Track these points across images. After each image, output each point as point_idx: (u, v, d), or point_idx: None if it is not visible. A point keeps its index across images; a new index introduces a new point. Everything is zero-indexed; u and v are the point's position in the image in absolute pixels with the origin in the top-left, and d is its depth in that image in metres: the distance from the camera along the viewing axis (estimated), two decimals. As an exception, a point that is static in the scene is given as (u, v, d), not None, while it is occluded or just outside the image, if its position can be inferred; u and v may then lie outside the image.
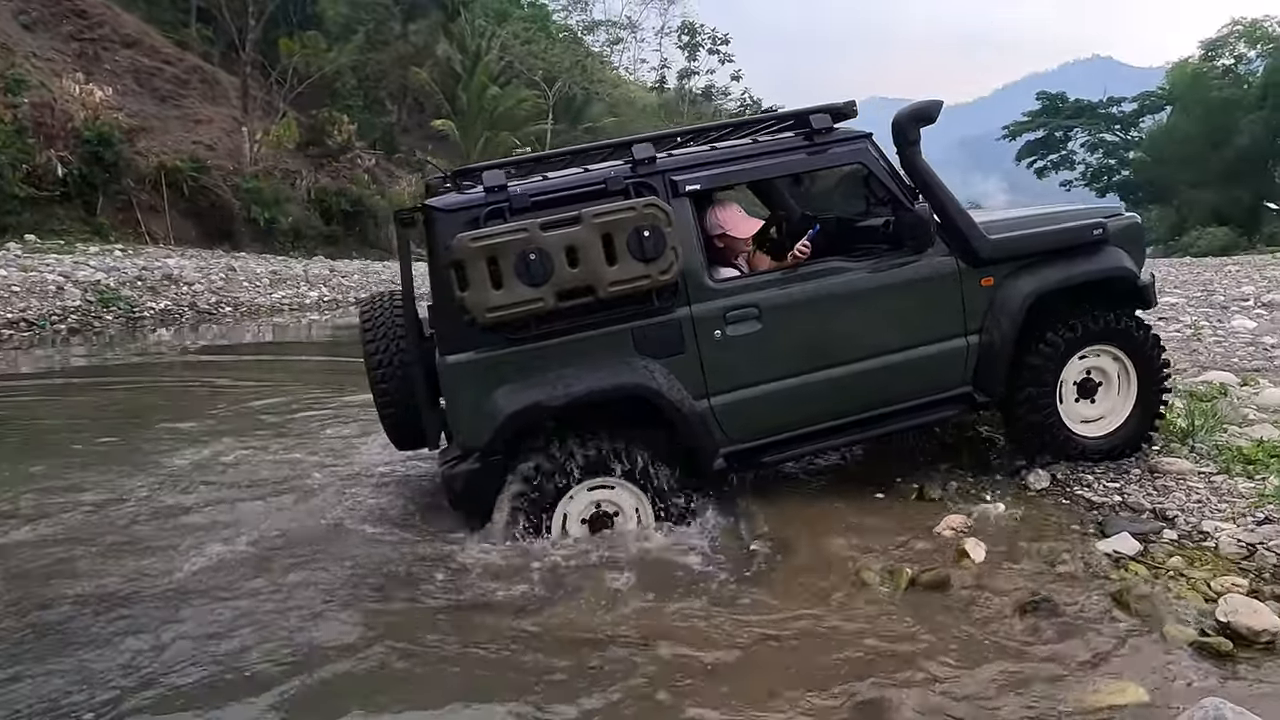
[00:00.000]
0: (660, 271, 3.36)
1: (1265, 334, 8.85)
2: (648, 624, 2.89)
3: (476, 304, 3.25)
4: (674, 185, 3.61)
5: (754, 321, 3.64)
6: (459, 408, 3.52)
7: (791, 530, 3.64)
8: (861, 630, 2.79)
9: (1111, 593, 2.90)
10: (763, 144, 3.87)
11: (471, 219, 3.40)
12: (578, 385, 3.43)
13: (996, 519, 3.64)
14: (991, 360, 3.88)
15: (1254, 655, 2.50)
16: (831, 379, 3.75)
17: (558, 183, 3.60)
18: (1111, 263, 4.05)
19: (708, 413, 3.62)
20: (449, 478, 3.54)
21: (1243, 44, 46.98)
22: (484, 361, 3.45)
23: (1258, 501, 3.50)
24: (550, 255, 3.26)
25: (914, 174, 3.88)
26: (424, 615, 3.04)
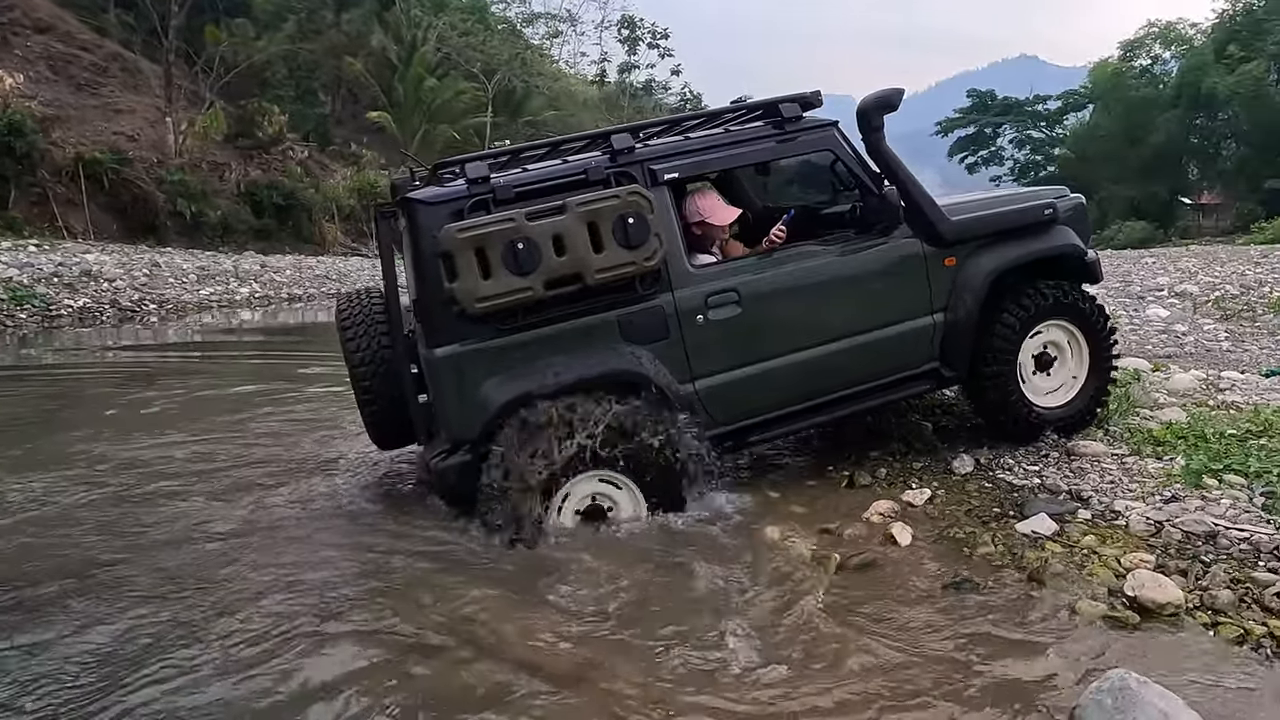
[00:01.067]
0: (645, 258, 3.41)
1: (1177, 322, 9.28)
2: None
3: (466, 294, 3.25)
4: (653, 174, 3.67)
5: (734, 306, 3.71)
6: (448, 401, 3.49)
7: (724, 517, 3.67)
8: (789, 610, 2.84)
9: (1029, 571, 3.00)
10: (735, 133, 3.94)
11: (455, 211, 3.40)
12: (568, 373, 3.45)
13: (923, 504, 3.74)
14: (956, 337, 4.04)
15: (1159, 626, 2.62)
16: (809, 359, 3.84)
17: (540, 173, 3.60)
18: (1062, 240, 4.26)
19: (693, 396, 3.67)
20: (441, 471, 3.51)
21: (1158, 45, 49.09)
22: (472, 353, 3.43)
23: (1165, 481, 3.66)
24: (538, 244, 3.27)
25: (879, 159, 3.99)
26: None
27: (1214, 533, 3.14)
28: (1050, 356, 4.29)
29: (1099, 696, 2.10)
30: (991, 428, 4.32)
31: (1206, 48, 44.72)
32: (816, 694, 2.36)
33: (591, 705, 2.36)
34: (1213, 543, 3.10)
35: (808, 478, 4.22)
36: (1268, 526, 3.15)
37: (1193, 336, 8.33)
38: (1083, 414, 4.32)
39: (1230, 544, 3.07)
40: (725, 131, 3.94)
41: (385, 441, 4.20)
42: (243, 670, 2.59)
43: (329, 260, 27.86)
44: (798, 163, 4.56)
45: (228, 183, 29.58)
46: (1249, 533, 3.11)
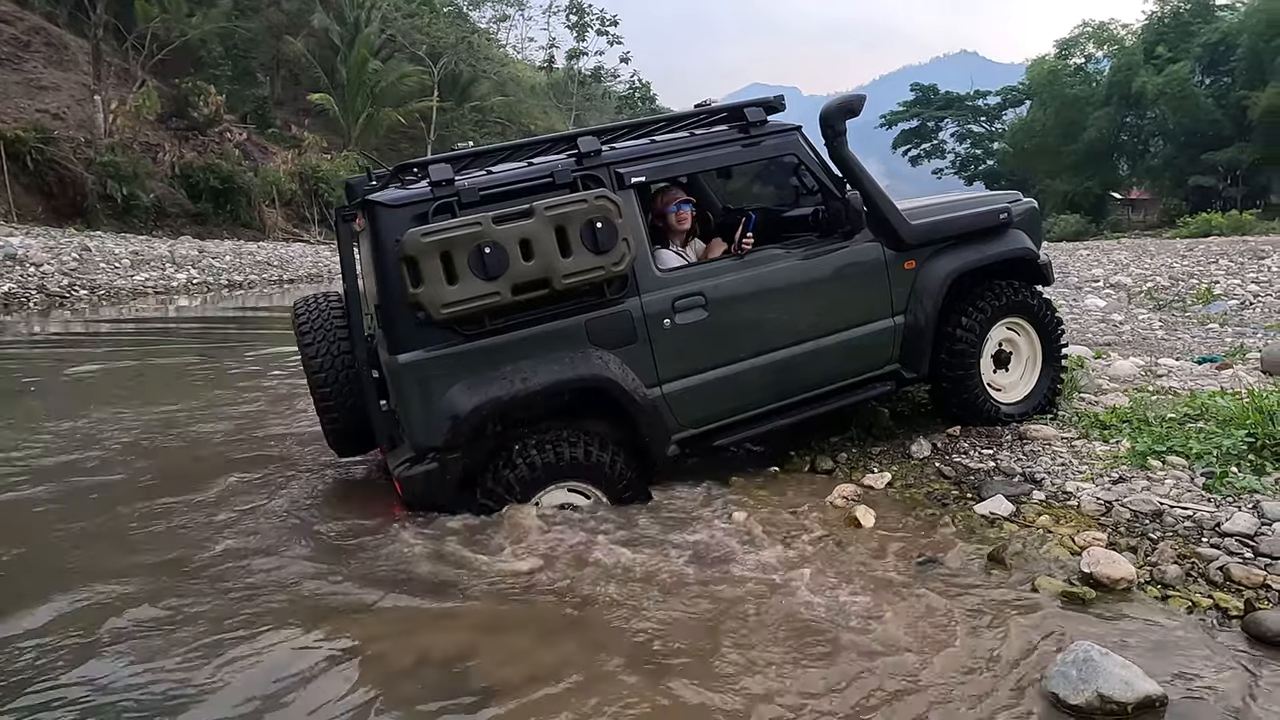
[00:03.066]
0: (613, 263, 3.40)
1: (1113, 311, 9.65)
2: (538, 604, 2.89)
3: (431, 300, 3.19)
4: (619, 177, 3.64)
5: (700, 310, 3.71)
6: (413, 407, 3.39)
7: (691, 503, 3.70)
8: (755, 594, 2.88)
9: (988, 551, 3.10)
10: (701, 137, 3.94)
11: (419, 214, 3.32)
12: (535, 379, 3.41)
13: (883, 487, 3.83)
14: (916, 338, 4.15)
15: (1114, 600, 2.73)
16: (774, 362, 3.88)
17: (505, 176, 3.54)
18: (1016, 244, 4.42)
19: (660, 400, 3.67)
20: (407, 480, 3.43)
21: (1092, 44, 50.70)
22: (437, 359, 3.36)
23: (1112, 463, 3.81)
24: (505, 248, 3.23)
25: (842, 164, 4.06)
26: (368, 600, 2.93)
27: (1160, 511, 3.28)
28: (1007, 353, 4.45)
29: (1064, 668, 2.19)
30: (956, 421, 4.44)
31: (1136, 48, 46.40)
32: (783, 675, 2.39)
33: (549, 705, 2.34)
34: (1159, 521, 3.23)
35: (771, 463, 4.28)
36: (1208, 505, 3.30)
37: (1129, 326, 8.67)
38: (1042, 404, 4.50)
39: (1175, 521, 3.21)
40: (691, 135, 3.94)
41: (344, 448, 4.11)
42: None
43: (270, 246, 27.09)
44: (758, 166, 4.60)
45: (161, 165, 28.50)
46: (1192, 511, 3.26)
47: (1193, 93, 41.86)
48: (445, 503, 3.47)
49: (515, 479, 3.45)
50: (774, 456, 4.37)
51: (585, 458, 3.53)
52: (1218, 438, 3.87)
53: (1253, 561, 2.86)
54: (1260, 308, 9.54)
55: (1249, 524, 3.07)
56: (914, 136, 59.50)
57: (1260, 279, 12.72)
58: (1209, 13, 44.77)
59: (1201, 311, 9.49)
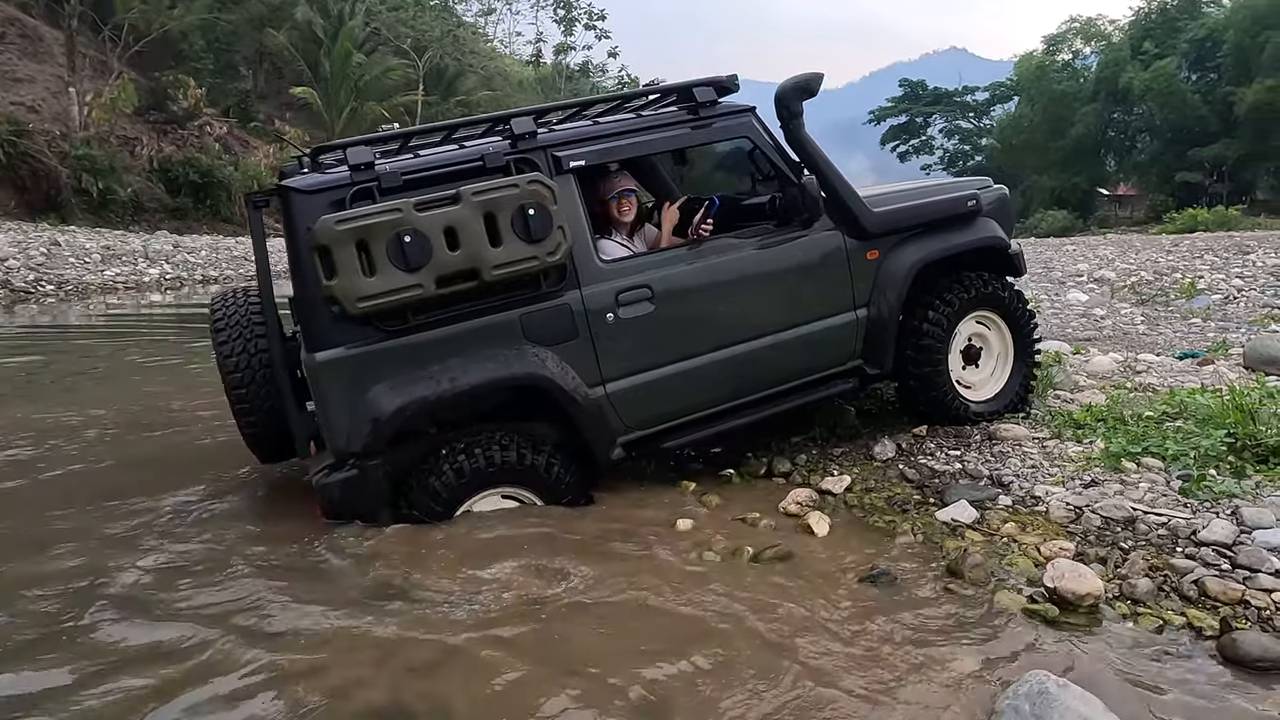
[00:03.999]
0: (548, 253, 3.15)
1: (1095, 306, 9.46)
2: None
3: (346, 293, 2.93)
4: (557, 161, 3.38)
5: (646, 303, 3.46)
6: (332, 410, 3.12)
7: (636, 510, 3.45)
8: (695, 606, 2.63)
9: (948, 563, 2.87)
10: (647, 118, 3.69)
11: (336, 200, 3.07)
12: (464, 378, 3.15)
13: (842, 492, 3.59)
14: (880, 333, 3.91)
15: (1079, 620, 2.50)
16: (727, 359, 3.64)
17: (431, 160, 3.29)
18: (986, 232, 4.17)
19: (604, 400, 3.42)
20: (324, 488, 3.17)
21: (1079, 40, 50.67)
22: (358, 357, 3.10)
23: (1085, 465, 3.59)
24: (427, 237, 2.98)
25: (799, 148, 3.80)
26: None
27: (1132, 518, 3.06)
28: (977, 348, 4.22)
29: (1016, 701, 1.96)
30: (924, 421, 4.21)
31: (1124, 44, 46.37)
32: (719, 697, 2.15)
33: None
34: (1131, 528, 3.01)
35: (725, 465, 4.04)
36: (1184, 510, 3.08)
37: (1110, 320, 8.47)
38: (1014, 402, 4.28)
39: (1149, 529, 2.98)
40: (637, 116, 3.69)
41: (266, 454, 3.83)
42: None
43: (249, 241, 26.63)
44: (720, 150, 4.37)
45: (139, 158, 28.07)
46: (1166, 517, 3.04)
47: (1179, 89, 41.82)
48: (368, 513, 3.20)
49: (443, 486, 3.20)
50: (729, 458, 4.13)
51: (520, 462, 3.28)
52: (1196, 438, 3.65)
53: (1230, 574, 2.63)
54: (1244, 302, 9.37)
55: (1227, 532, 2.84)
56: (902, 132, 59.41)
57: (1245, 274, 12.57)
58: (1195, 9, 44.75)
59: (1184, 306, 9.31)
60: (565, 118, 3.75)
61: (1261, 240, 18.94)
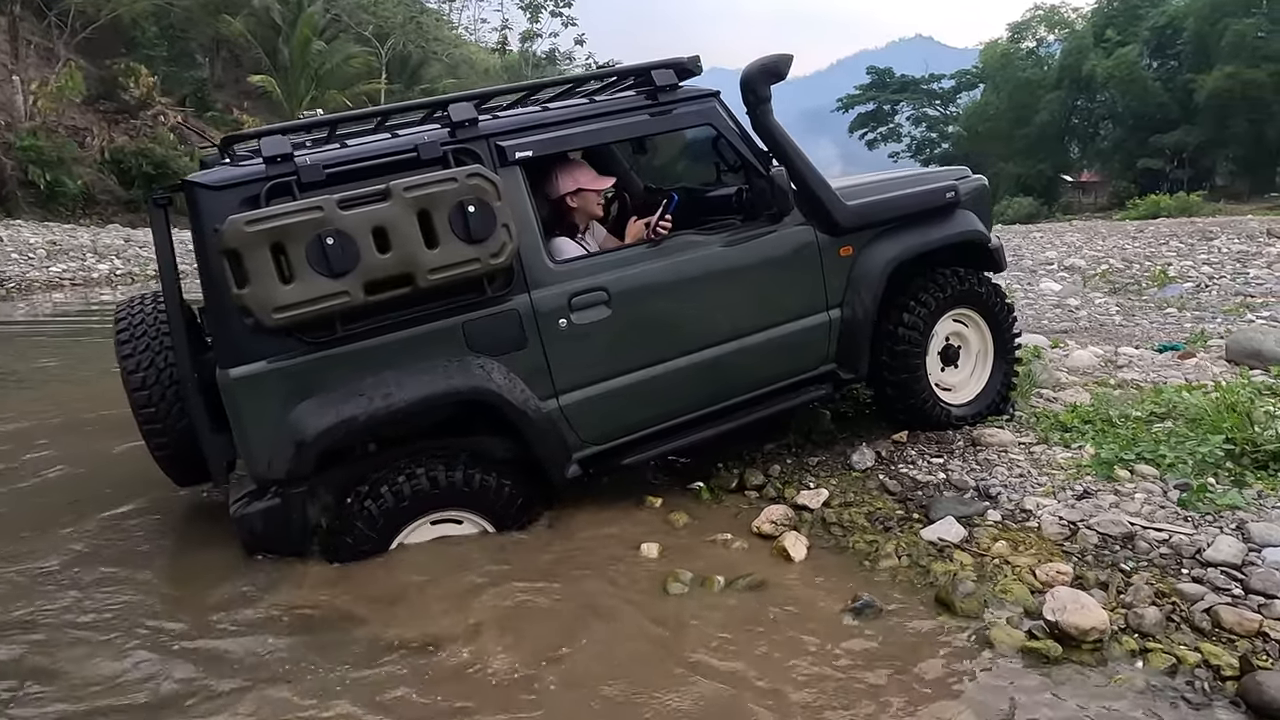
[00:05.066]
0: (491, 254, 2.81)
1: (1069, 296, 9.33)
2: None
3: (260, 303, 2.58)
4: (501, 152, 3.05)
5: (603, 307, 3.15)
6: (249, 432, 2.79)
7: (595, 533, 3.17)
8: (656, 649, 2.36)
9: (936, 591, 2.62)
10: (602, 104, 3.36)
11: (249, 196, 2.71)
12: (399, 394, 2.82)
13: (819, 507, 3.33)
14: (854, 334, 3.64)
15: (1083, 658, 2.26)
16: (692, 366, 3.34)
17: (359, 151, 2.93)
18: (965, 226, 3.91)
19: (557, 414, 3.12)
20: (243, 519, 2.84)
21: (1043, 28, 50.98)
22: (278, 373, 2.77)
23: (1076, 473, 3.37)
24: (353, 239, 2.63)
25: (766, 136, 3.49)
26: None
27: (1131, 534, 2.84)
28: (955, 349, 3.97)
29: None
30: (904, 426, 3.96)
31: (1086, 31, 46.66)
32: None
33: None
34: (1131, 546, 2.79)
35: (694, 478, 3.76)
36: (1186, 525, 2.86)
37: (1085, 311, 8.34)
38: (995, 404, 4.04)
39: (1150, 547, 2.76)
40: (591, 102, 3.37)
41: (183, 477, 3.47)
42: None
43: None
44: (687, 138, 4.07)
45: (90, 149, 27.12)
46: (1168, 533, 2.82)
47: (1141, 76, 42.20)
48: (293, 546, 2.89)
49: (379, 511, 2.88)
50: (699, 468, 3.85)
51: (465, 483, 2.98)
52: (1191, 442, 3.44)
53: (1244, 601, 2.41)
54: (1216, 290, 9.30)
55: (1235, 551, 2.63)
56: (870, 120, 59.36)
57: (1211, 260, 12.58)
58: (1156, -4, 45.19)
59: (1158, 295, 9.21)
60: (513, 103, 3.42)
61: (1224, 226, 19.07)
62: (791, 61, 3.47)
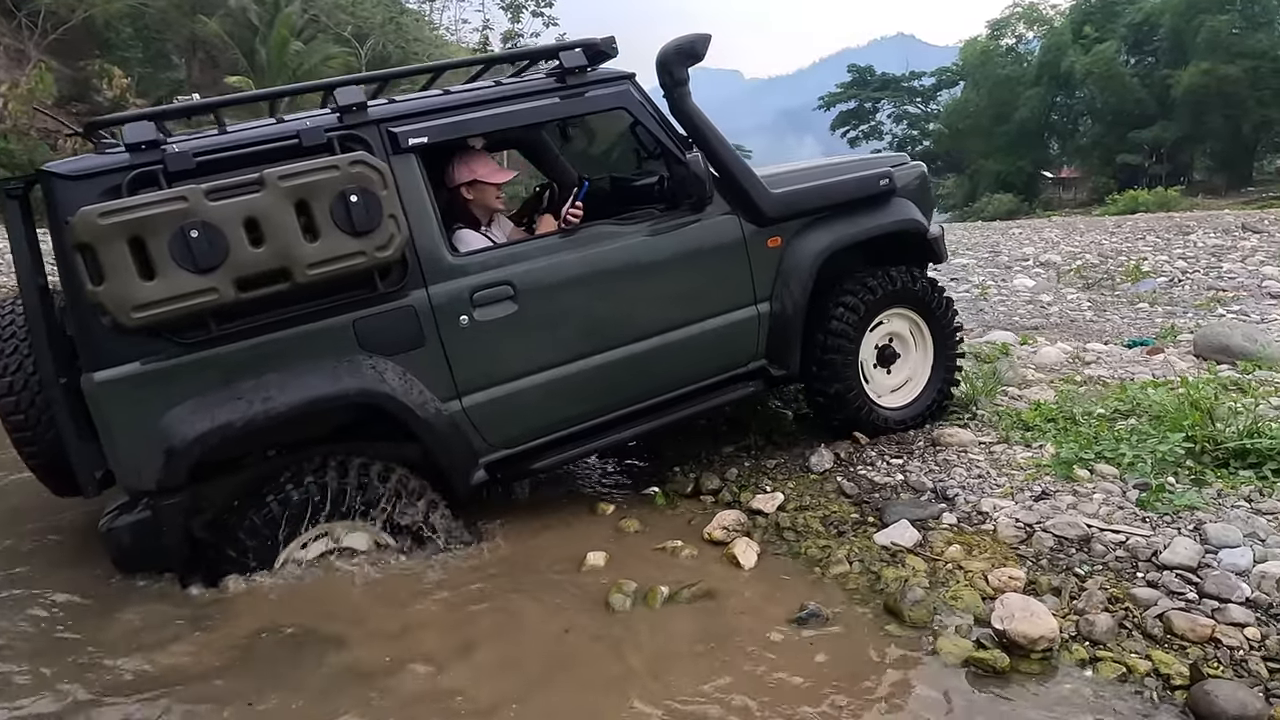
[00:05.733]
0: (377, 247, 2.65)
1: (1042, 291, 9.30)
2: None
3: (118, 301, 2.40)
4: (393, 139, 2.88)
5: (508, 303, 3.00)
6: (117, 440, 2.62)
7: (540, 542, 3.07)
8: (589, 666, 2.27)
9: (885, 599, 2.54)
10: (506, 87, 3.20)
11: (110, 187, 2.52)
12: (281, 398, 2.66)
13: (774, 511, 3.24)
14: (784, 329, 3.51)
15: (1032, 668, 2.19)
16: (608, 364, 3.19)
17: (234, 137, 2.76)
18: (901, 215, 3.77)
19: (460, 417, 2.97)
20: (111, 533, 2.67)
21: (1022, 25, 51.21)
22: (146, 376, 2.59)
23: (1035, 473, 3.30)
24: (222, 231, 2.46)
25: (685, 120, 3.33)
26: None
27: (1088, 536, 2.77)
28: (893, 349, 3.85)
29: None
30: (831, 429, 3.83)
31: (1065, 28, 46.90)
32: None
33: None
34: (1087, 549, 2.72)
35: (649, 482, 3.66)
36: (1143, 527, 2.80)
37: (1057, 307, 8.31)
38: (926, 413, 3.89)
39: (1106, 550, 2.69)
40: (496, 85, 3.22)
41: (61, 487, 3.20)
42: None
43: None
44: (622, 124, 3.95)
45: (62, 151, 26.65)
46: (1125, 535, 2.75)
47: (1119, 72, 42.46)
48: (166, 562, 2.75)
49: (265, 523, 2.74)
50: (655, 471, 3.77)
51: (361, 491, 2.82)
52: (1152, 440, 3.38)
53: (1197, 606, 2.35)
54: (1189, 285, 9.30)
55: (1191, 553, 2.56)
56: (852, 118, 59.48)
57: (1187, 254, 12.60)
58: (1133, -7, 45.48)
59: (1131, 290, 9.20)
60: (425, 85, 3.27)
61: (1200, 221, 19.17)
62: (709, 41, 3.31)
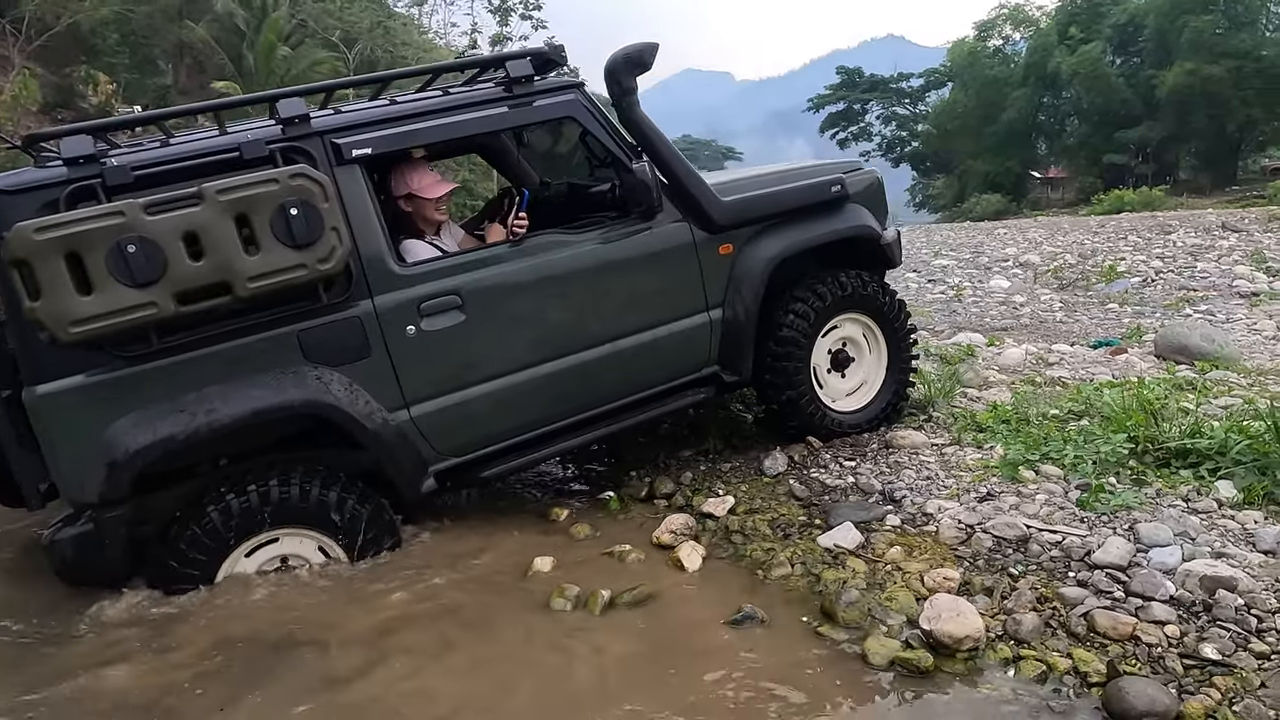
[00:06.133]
0: (319, 259, 2.65)
1: (1016, 293, 9.37)
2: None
3: (55, 317, 2.41)
4: (337, 150, 2.90)
5: (456, 312, 3.02)
6: (59, 453, 2.63)
7: (487, 548, 3.10)
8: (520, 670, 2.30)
9: (821, 601, 2.57)
10: (453, 97, 3.22)
11: (47, 201, 2.53)
12: (224, 409, 2.67)
13: (724, 514, 3.28)
14: (736, 335, 3.54)
15: (955, 668, 2.23)
16: (558, 373, 3.22)
17: (175, 150, 2.76)
18: (853, 221, 3.81)
19: (408, 426, 2.99)
20: (54, 545, 2.68)
21: (1009, 26, 51.50)
22: (89, 389, 2.60)
23: (982, 474, 3.34)
24: (160, 245, 2.47)
25: (633, 129, 3.37)
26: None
27: (1026, 537, 2.81)
28: (847, 354, 3.89)
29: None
30: (786, 434, 3.86)
31: (1050, 29, 47.16)
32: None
33: None
34: (1024, 549, 2.76)
35: (605, 487, 3.70)
36: (1080, 527, 2.84)
37: (1029, 308, 8.38)
38: (880, 418, 3.94)
39: (1042, 550, 2.74)
40: (444, 94, 3.24)
41: (9, 499, 3.14)
42: None
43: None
44: (542, 131, 3.94)
45: (49, 159, 26.59)
46: (1061, 535, 2.80)
47: (1104, 72, 42.72)
48: (109, 574, 2.75)
49: (206, 533, 2.74)
50: (610, 476, 3.81)
51: (303, 500, 2.82)
52: (1097, 441, 3.43)
53: (1122, 604, 2.39)
54: (1161, 285, 9.38)
55: (1122, 552, 2.61)
56: (841, 119, 59.65)
57: (1165, 254, 12.69)
58: (1117, -6, 45.77)
59: (1104, 290, 9.28)
60: (372, 96, 3.26)
61: (1183, 220, 19.29)
62: (656, 50, 3.33)
